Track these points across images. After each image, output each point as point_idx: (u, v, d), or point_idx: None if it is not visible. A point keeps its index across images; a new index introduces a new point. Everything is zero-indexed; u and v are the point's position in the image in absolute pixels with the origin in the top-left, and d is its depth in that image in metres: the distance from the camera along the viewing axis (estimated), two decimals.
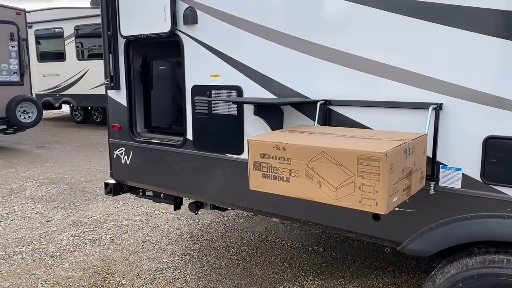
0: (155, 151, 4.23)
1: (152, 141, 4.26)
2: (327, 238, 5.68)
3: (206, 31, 3.68)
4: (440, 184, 2.72)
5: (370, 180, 2.03)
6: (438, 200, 2.72)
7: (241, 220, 6.42)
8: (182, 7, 3.79)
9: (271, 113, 3.24)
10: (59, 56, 16.82)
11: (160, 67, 4.28)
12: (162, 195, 4.64)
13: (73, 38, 16.30)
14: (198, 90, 3.80)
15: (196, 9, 3.71)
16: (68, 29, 16.29)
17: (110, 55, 4.32)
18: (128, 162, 4.49)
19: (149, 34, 3.96)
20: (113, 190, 4.76)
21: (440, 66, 2.63)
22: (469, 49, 2.52)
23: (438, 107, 2.64)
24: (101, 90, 14.64)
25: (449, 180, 2.67)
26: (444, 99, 2.64)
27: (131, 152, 4.45)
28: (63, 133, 15.89)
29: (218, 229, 6.07)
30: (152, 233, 5.94)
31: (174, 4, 3.76)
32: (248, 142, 2.47)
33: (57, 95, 16.95)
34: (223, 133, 3.70)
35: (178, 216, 6.61)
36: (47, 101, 17.00)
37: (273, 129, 3.29)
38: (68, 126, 17.86)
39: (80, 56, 16.35)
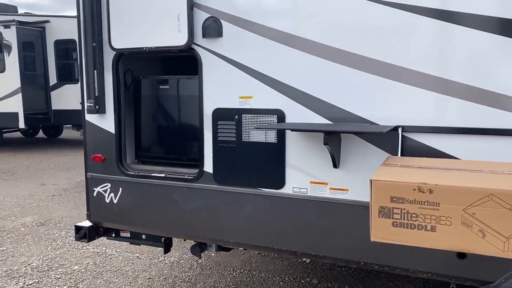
0: (157, 186, 3.52)
1: (152, 175, 3.54)
2: (313, 267, 5.32)
3: (235, 46, 3.14)
4: None
5: None
6: None
7: (212, 254, 5.79)
8: (201, 17, 3.20)
9: (332, 142, 2.80)
10: None
11: (161, 87, 3.60)
12: (143, 236, 3.92)
13: None
14: (222, 114, 3.23)
15: (221, 20, 3.15)
16: None
17: (95, 71, 3.53)
18: (115, 201, 3.70)
19: (156, 47, 3.29)
20: (88, 235, 3.91)
21: None
22: None
23: None
24: None
25: None
26: None
27: (120, 188, 3.67)
28: None
29: (192, 267, 5.38)
30: (116, 278, 5.06)
31: (191, 12, 3.15)
32: (371, 183, 2.01)
33: None
34: (257, 164, 3.17)
35: (137, 254, 5.77)
36: None
37: (335, 160, 2.85)
38: None
39: None
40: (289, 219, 3.13)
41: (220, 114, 3.24)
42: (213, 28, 3.17)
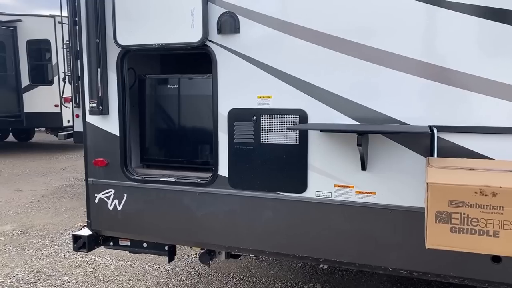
0: (166, 192, 3.32)
1: (161, 179, 3.33)
2: (314, 272, 5.20)
3: (254, 42, 2.98)
4: None
5: None
6: None
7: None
8: (216, 12, 3.02)
9: (364, 143, 2.67)
10: None
11: (169, 86, 3.39)
12: (145, 244, 3.71)
13: None
14: (239, 114, 3.06)
15: (238, 15, 2.98)
16: None
17: (99, 69, 3.30)
18: (119, 208, 3.46)
19: (167, 44, 3.09)
20: (87, 244, 3.67)
21: None
22: None
23: None
24: None
25: None
26: None
27: (124, 194, 3.44)
28: None
29: (189, 275, 5.16)
30: None
31: (206, 6, 2.97)
32: (428, 186, 1.89)
33: None
34: (277, 167, 3.01)
35: (130, 262, 5.52)
36: None
37: (364, 162, 2.72)
38: None
39: None
40: (311, 225, 2.98)
41: (236, 115, 3.07)
42: (229, 24, 3.00)
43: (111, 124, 3.41)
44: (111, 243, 3.85)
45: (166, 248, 3.69)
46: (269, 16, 2.92)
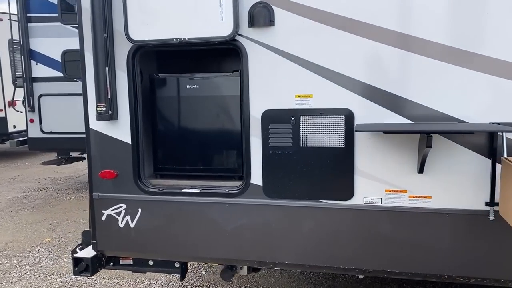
0: (189, 204, 2.96)
1: (182, 191, 2.97)
2: (316, 277, 4.98)
3: (291, 36, 2.69)
4: None
5: None
6: None
7: (203, 272, 5.24)
8: (246, 2, 2.71)
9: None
10: None
11: (187, 86, 3.02)
12: (151, 262, 3.34)
13: None
14: (275, 116, 2.76)
15: (273, 6, 2.68)
16: None
17: (107, 68, 2.89)
18: (132, 225, 3.06)
19: (190, 39, 2.74)
20: (91, 267, 3.24)
21: None
22: None
23: None
24: None
25: None
26: None
27: (138, 210, 3.04)
28: None
29: None
30: None
31: None
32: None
33: None
34: (319, 172, 2.74)
35: (117, 280, 5.06)
36: None
37: (423, 165, 2.51)
38: None
39: None
40: (359, 234, 2.74)
41: (271, 117, 2.77)
42: (263, 16, 2.69)
43: (121, 130, 3.00)
44: (111, 263, 3.44)
45: (177, 265, 3.32)
46: (310, 6, 2.64)
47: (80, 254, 3.31)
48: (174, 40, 2.77)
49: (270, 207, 2.85)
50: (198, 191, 2.94)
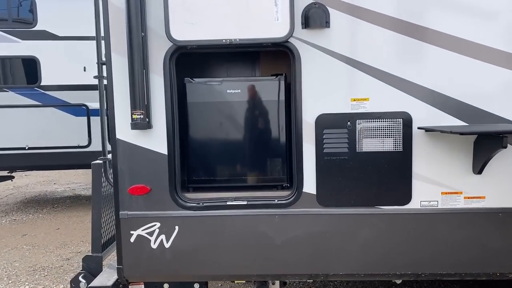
0: (234, 218, 2.74)
1: (227, 203, 2.74)
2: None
3: (347, 38, 2.63)
4: None
5: None
6: None
7: None
8: (300, 3, 2.60)
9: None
10: None
11: (228, 91, 2.81)
12: (166, 286, 3.06)
13: None
14: (330, 121, 2.67)
15: (329, 7, 2.60)
16: None
17: (145, 71, 2.60)
18: (167, 245, 2.76)
19: (242, 40, 2.56)
20: None
21: None
22: None
23: None
24: None
25: None
26: None
27: (175, 227, 2.75)
28: None
29: None
30: None
31: None
32: None
33: None
34: (376, 178, 2.69)
35: None
36: None
37: (484, 166, 2.57)
38: None
39: None
40: (415, 239, 2.72)
41: (326, 121, 2.66)
42: (318, 17, 2.59)
43: (155, 140, 2.71)
44: None
45: (197, 286, 3.06)
46: (366, 9, 2.60)
47: (97, 283, 2.92)
48: (224, 41, 2.56)
49: (325, 216, 2.73)
50: (245, 203, 2.74)
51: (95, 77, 3.09)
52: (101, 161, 3.20)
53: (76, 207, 8.27)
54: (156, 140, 2.71)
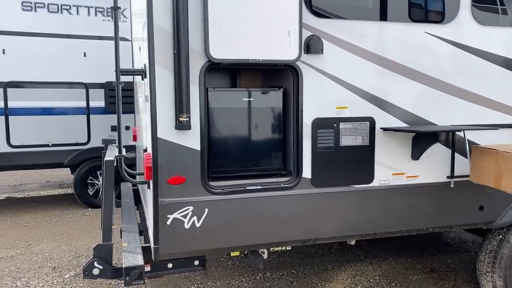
0: (252, 200, 3.49)
1: (247, 188, 3.48)
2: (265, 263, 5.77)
3: (334, 62, 3.58)
4: None
5: None
6: None
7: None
8: (304, 34, 3.47)
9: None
10: None
11: (243, 99, 3.52)
12: (169, 265, 3.68)
13: None
14: (322, 123, 3.59)
15: (323, 39, 3.53)
16: None
17: (187, 82, 3.20)
18: (198, 225, 3.38)
19: (264, 60, 3.33)
20: (143, 274, 3.38)
21: None
22: None
23: None
24: None
25: None
26: None
27: (205, 209, 3.39)
28: None
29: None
30: None
31: (301, 29, 3.40)
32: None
33: None
34: (351, 165, 3.70)
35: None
36: None
37: (420, 154, 3.76)
38: None
39: None
40: (375, 207, 3.80)
41: (319, 123, 3.58)
42: (315, 46, 3.49)
43: (191, 138, 3.30)
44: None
45: (197, 262, 3.71)
46: (349, 43, 3.58)
47: (128, 263, 3.36)
48: (250, 60, 3.30)
49: (317, 195, 3.63)
50: (260, 187, 3.50)
51: (114, 83, 3.52)
52: (114, 158, 3.62)
53: None
54: (191, 138, 3.30)
